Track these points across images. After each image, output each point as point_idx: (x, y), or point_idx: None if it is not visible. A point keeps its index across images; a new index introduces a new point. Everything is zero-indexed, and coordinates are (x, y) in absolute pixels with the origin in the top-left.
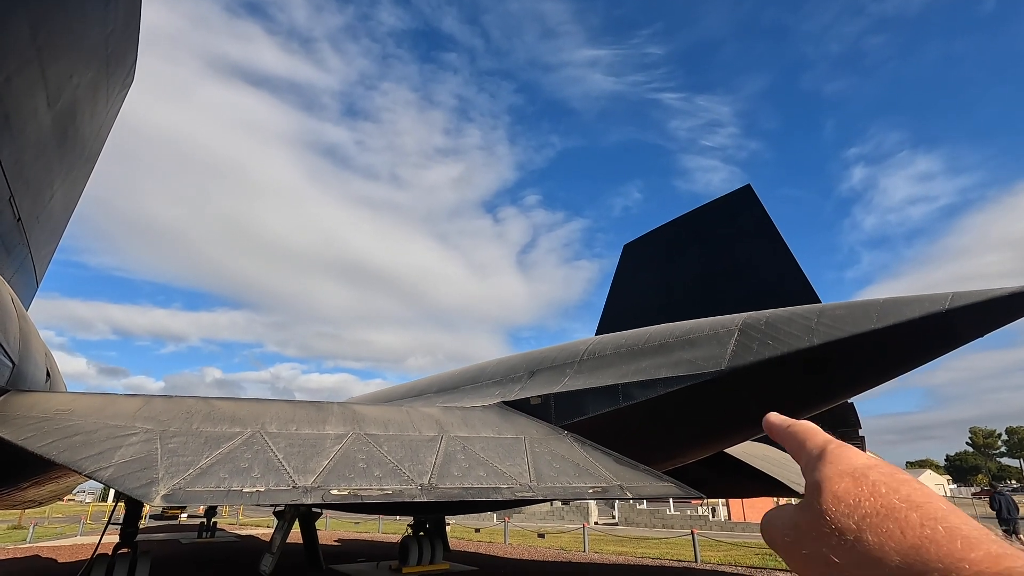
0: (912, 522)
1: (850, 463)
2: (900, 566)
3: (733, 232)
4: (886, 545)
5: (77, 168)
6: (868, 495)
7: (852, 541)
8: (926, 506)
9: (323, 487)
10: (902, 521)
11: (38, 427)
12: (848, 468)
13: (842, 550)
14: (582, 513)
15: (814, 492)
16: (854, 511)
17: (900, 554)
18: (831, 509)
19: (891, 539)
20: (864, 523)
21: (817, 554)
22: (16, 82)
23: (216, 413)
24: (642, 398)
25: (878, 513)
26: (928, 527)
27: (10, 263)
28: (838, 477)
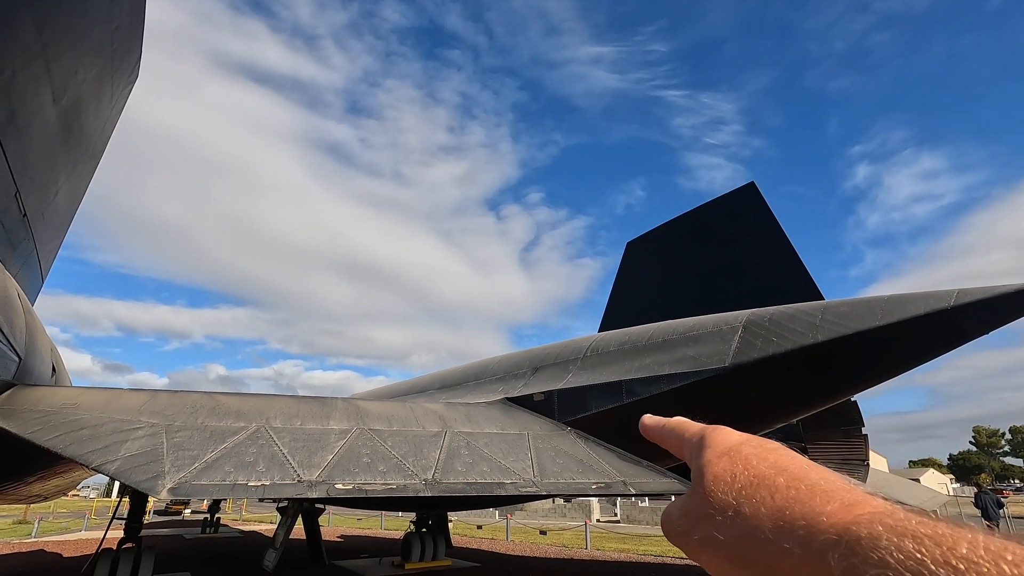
0: (779, 485)
1: (725, 442)
2: (772, 529)
3: (737, 229)
4: (759, 512)
5: (82, 164)
6: (742, 469)
7: (732, 516)
8: (791, 469)
9: (328, 481)
10: (771, 486)
11: (45, 421)
12: (724, 448)
13: (725, 527)
14: (584, 510)
15: (698, 478)
16: (731, 487)
17: (771, 518)
18: (712, 490)
19: (763, 505)
20: (741, 496)
21: (706, 536)
22: (21, 78)
23: (221, 408)
24: (645, 394)
25: (751, 484)
26: (792, 487)
27: (16, 259)
28: (716, 459)
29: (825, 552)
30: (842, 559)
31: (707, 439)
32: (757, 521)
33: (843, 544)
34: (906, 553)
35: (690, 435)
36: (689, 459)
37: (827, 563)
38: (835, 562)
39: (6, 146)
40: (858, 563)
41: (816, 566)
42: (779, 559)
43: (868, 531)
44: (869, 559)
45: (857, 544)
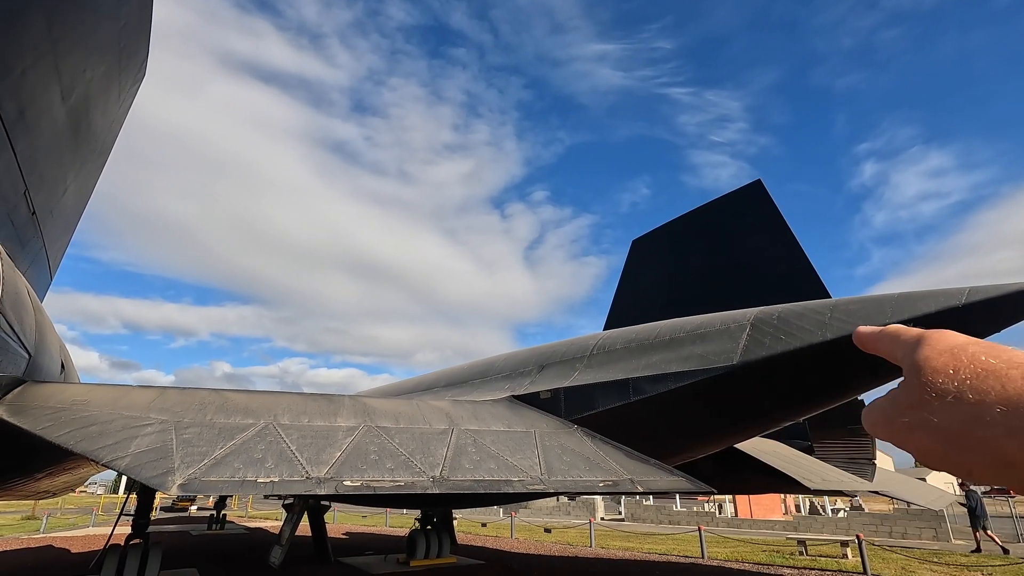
0: (1013, 377)
1: (948, 342)
2: (1003, 413)
3: (743, 227)
4: (987, 399)
5: (90, 163)
6: (967, 363)
7: (952, 401)
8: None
9: (336, 478)
10: (1003, 377)
11: (55, 417)
12: (947, 346)
13: (942, 411)
14: (588, 509)
15: (913, 371)
16: (954, 378)
17: (1002, 403)
18: (930, 380)
19: (992, 393)
20: (964, 385)
21: (917, 419)
22: (31, 76)
23: (229, 405)
24: (652, 392)
25: (978, 375)
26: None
27: (25, 256)
28: (936, 355)
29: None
30: None
31: (927, 338)
32: (982, 408)
33: None
34: None
35: (908, 335)
36: (902, 358)
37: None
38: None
39: (16, 144)
40: None
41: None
42: (1007, 439)
43: None
44: None
45: None
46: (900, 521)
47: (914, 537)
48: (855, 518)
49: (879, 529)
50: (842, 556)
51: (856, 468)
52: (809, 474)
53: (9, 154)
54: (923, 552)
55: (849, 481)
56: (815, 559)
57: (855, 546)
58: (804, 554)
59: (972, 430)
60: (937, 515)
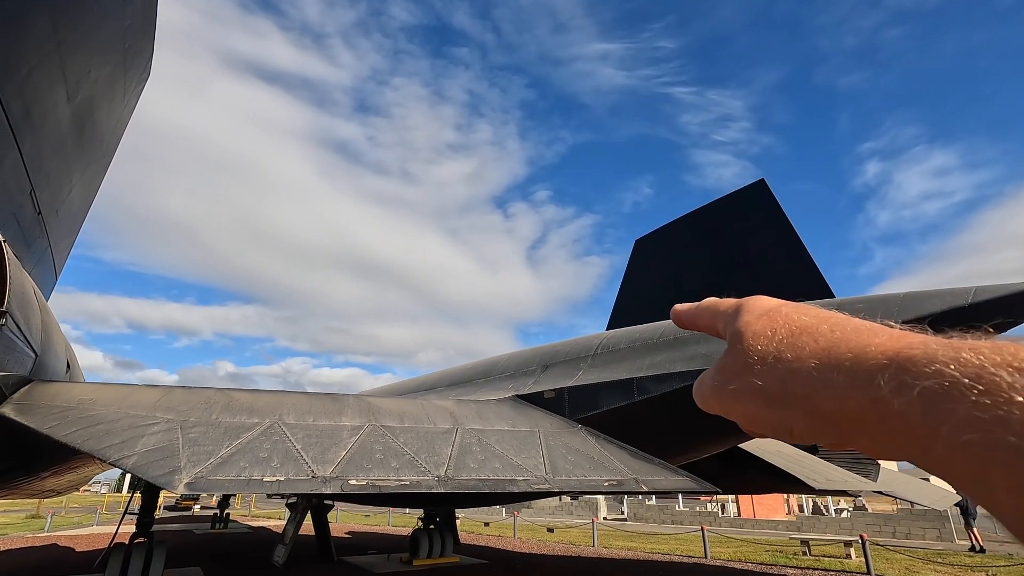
0: (823, 331)
1: (763, 306)
2: (817, 367)
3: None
4: (802, 354)
5: (95, 163)
6: (783, 324)
7: (772, 362)
8: (834, 317)
9: (342, 477)
10: (814, 332)
11: (62, 416)
12: (762, 310)
13: (764, 373)
14: (591, 508)
15: (735, 337)
16: (771, 339)
17: (816, 357)
18: (751, 344)
19: (805, 349)
20: (782, 345)
21: (743, 385)
22: (37, 76)
23: (234, 404)
24: (657, 392)
25: (793, 333)
26: (837, 330)
27: (31, 256)
28: (755, 319)
29: (873, 375)
30: (892, 378)
31: (744, 305)
32: (800, 363)
33: (893, 365)
34: (963, 362)
35: (725, 306)
36: (723, 329)
37: (876, 385)
38: (884, 382)
39: (21, 144)
40: (909, 379)
41: (863, 391)
42: (822, 392)
43: (922, 351)
44: (922, 373)
45: (909, 363)
46: (904, 521)
47: (918, 537)
48: (858, 518)
49: (883, 529)
50: (846, 556)
51: (860, 468)
52: (813, 474)
53: (15, 154)
54: (927, 552)
55: (853, 481)
56: (818, 559)
57: (859, 546)
58: (807, 554)
59: (791, 387)
60: (941, 515)
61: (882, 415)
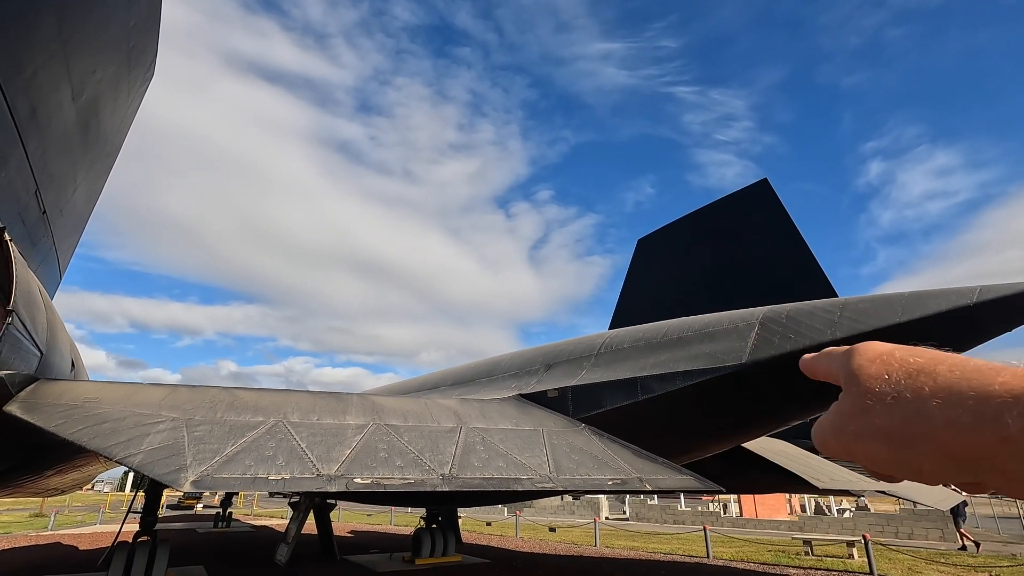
0: (941, 371)
1: (875, 350)
2: (939, 406)
3: (749, 226)
4: (922, 394)
5: (99, 162)
6: (898, 366)
7: (891, 403)
8: (951, 358)
9: (346, 476)
10: (932, 373)
11: (68, 414)
12: (875, 354)
13: (884, 413)
14: (593, 508)
15: (850, 382)
16: (888, 382)
17: (936, 397)
18: (868, 388)
19: (926, 388)
20: (900, 386)
21: (862, 426)
22: (42, 76)
23: (239, 403)
24: (661, 391)
25: (909, 375)
26: (956, 370)
27: (35, 255)
28: (868, 362)
29: (1000, 414)
30: (1021, 415)
31: (856, 350)
32: (921, 403)
33: (1022, 403)
34: None
35: (838, 352)
36: (839, 372)
37: (1003, 423)
38: (1012, 420)
39: (27, 144)
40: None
41: (990, 429)
42: (947, 431)
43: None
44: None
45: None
46: (907, 521)
47: (921, 537)
48: (861, 518)
49: (885, 529)
50: (848, 556)
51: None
52: (817, 473)
53: (20, 153)
54: (930, 552)
55: (857, 480)
56: (821, 559)
57: (861, 546)
58: (810, 554)
59: (914, 426)
60: (944, 515)
61: (1014, 452)
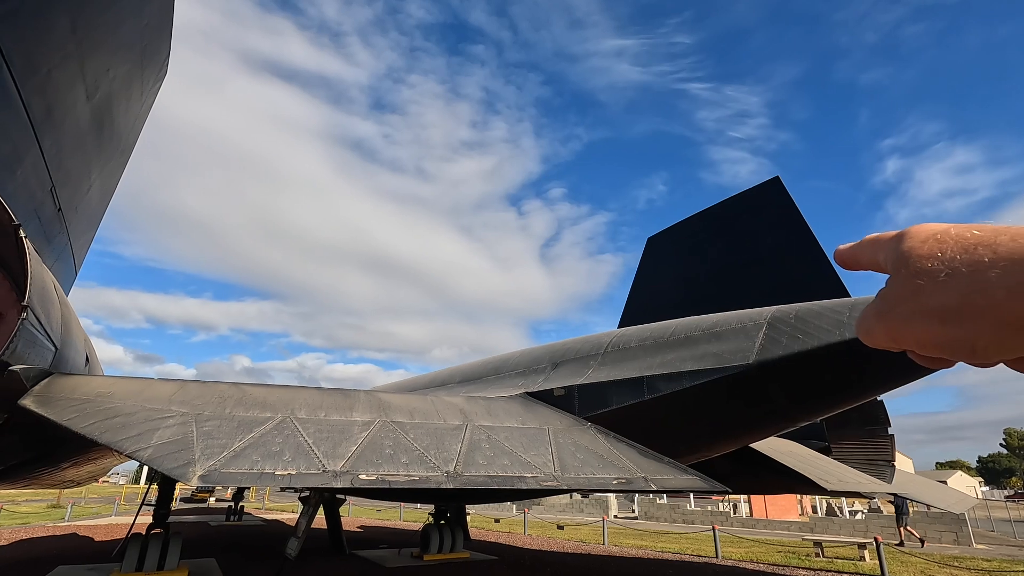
0: (1002, 241)
1: (927, 230)
2: (1000, 275)
3: (761, 225)
4: (980, 266)
5: (113, 160)
6: (952, 242)
7: (944, 279)
8: (1012, 229)
9: (352, 472)
10: (992, 244)
11: (81, 409)
12: (927, 234)
13: (937, 291)
14: (601, 506)
15: (899, 263)
16: (941, 259)
17: (997, 266)
18: (919, 267)
19: (985, 259)
20: (954, 261)
21: (911, 308)
22: (57, 75)
23: (247, 399)
24: (667, 391)
25: (966, 249)
26: (1020, 238)
27: (51, 252)
28: (920, 243)
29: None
30: None
31: (907, 233)
32: (979, 274)
33: None
34: None
35: (886, 238)
36: (884, 260)
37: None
38: None
39: (42, 142)
40: None
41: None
42: (1009, 299)
43: None
44: None
45: None
46: (920, 524)
47: (934, 541)
48: (873, 520)
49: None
50: (859, 558)
51: (874, 470)
52: (826, 475)
53: (36, 151)
54: (943, 556)
55: (867, 483)
56: (831, 561)
57: (873, 548)
58: (820, 556)
59: (971, 299)
60: (958, 518)
61: None
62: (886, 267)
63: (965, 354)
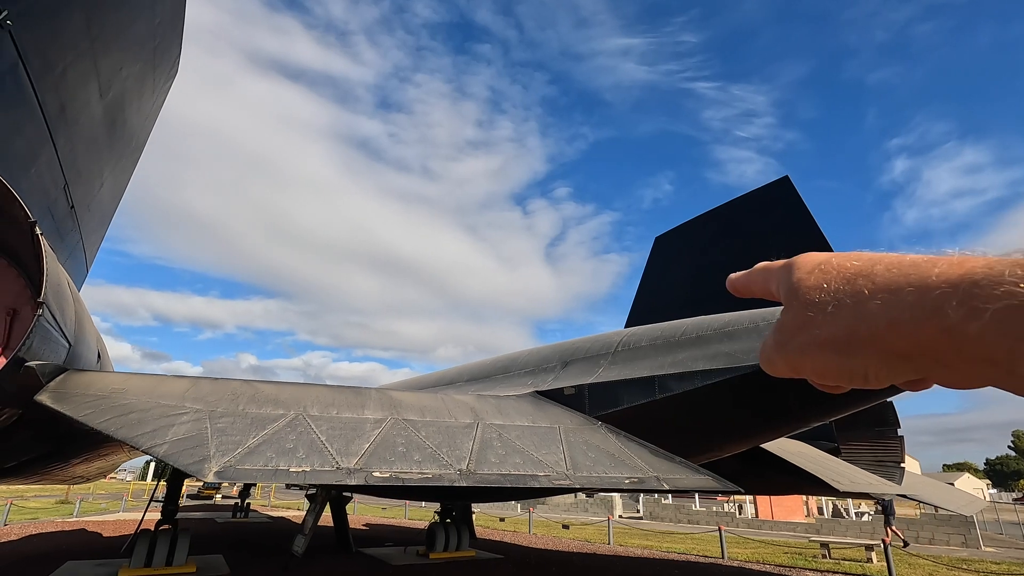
0: (878, 272)
1: (812, 260)
2: (880, 306)
3: (769, 225)
4: (861, 297)
5: (125, 158)
6: (835, 273)
7: (832, 311)
8: (887, 257)
9: (365, 469)
10: (869, 275)
11: (96, 405)
12: (812, 265)
13: (826, 323)
14: (606, 506)
15: (790, 295)
16: (827, 290)
17: (877, 298)
18: (807, 298)
19: (864, 292)
20: (839, 293)
21: (806, 339)
22: (71, 73)
23: (260, 396)
24: (679, 390)
25: (847, 280)
26: (894, 268)
27: (63, 249)
28: (806, 274)
29: (941, 305)
30: (960, 305)
31: (794, 263)
32: (862, 306)
33: (960, 292)
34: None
35: (775, 267)
36: (776, 289)
37: (944, 315)
38: (953, 310)
39: (56, 140)
40: (979, 303)
41: (932, 322)
42: (890, 331)
43: (985, 273)
44: (991, 296)
45: (975, 287)
46: (927, 526)
47: (942, 543)
48: (880, 522)
49: (905, 534)
50: (866, 560)
51: (884, 471)
52: (837, 476)
53: (50, 149)
54: (951, 558)
55: (877, 484)
56: (839, 563)
57: (880, 550)
58: (827, 557)
59: (857, 330)
60: (967, 521)
61: (957, 344)
62: (779, 296)
63: (859, 381)
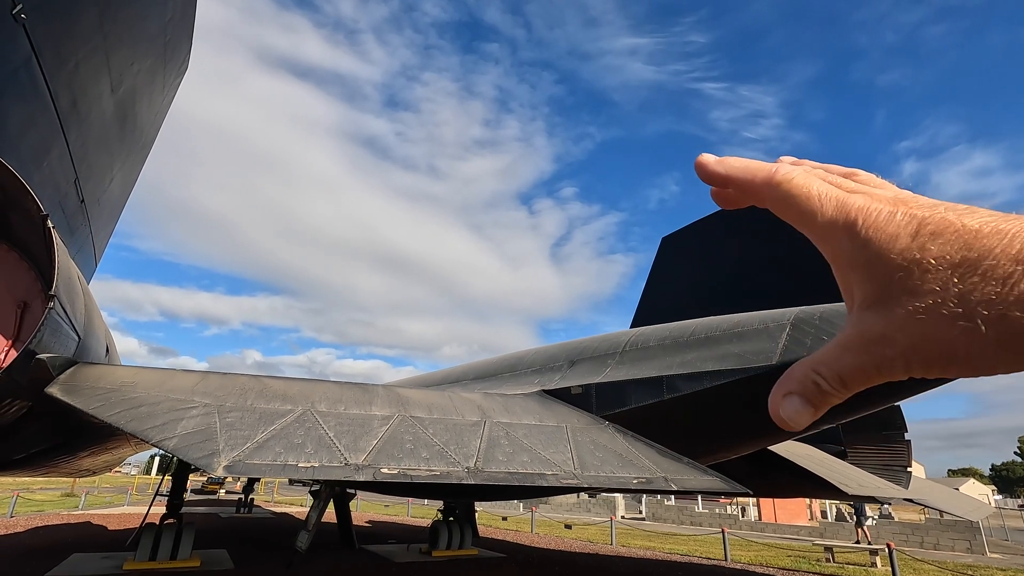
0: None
1: (892, 212)
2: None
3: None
4: (990, 302)
5: (135, 153)
6: (953, 257)
7: (950, 310)
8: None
9: (373, 465)
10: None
11: (106, 398)
12: (904, 219)
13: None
14: (608, 506)
15: (873, 262)
16: (949, 289)
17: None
18: (920, 286)
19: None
20: (966, 296)
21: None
22: (84, 68)
23: (268, 391)
24: (687, 391)
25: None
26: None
27: (73, 243)
28: (911, 240)
29: None
30: None
31: (845, 205)
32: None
33: None
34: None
35: (774, 179)
36: (779, 208)
37: None
38: None
39: (68, 134)
40: None
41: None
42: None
43: None
44: None
45: None
46: (932, 531)
47: (947, 548)
48: (884, 526)
49: (910, 539)
50: (871, 565)
51: (891, 475)
52: (845, 479)
53: (62, 143)
54: (956, 564)
55: (885, 487)
56: (842, 567)
57: (884, 555)
58: (831, 561)
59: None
60: (972, 526)
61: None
62: (765, 203)
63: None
